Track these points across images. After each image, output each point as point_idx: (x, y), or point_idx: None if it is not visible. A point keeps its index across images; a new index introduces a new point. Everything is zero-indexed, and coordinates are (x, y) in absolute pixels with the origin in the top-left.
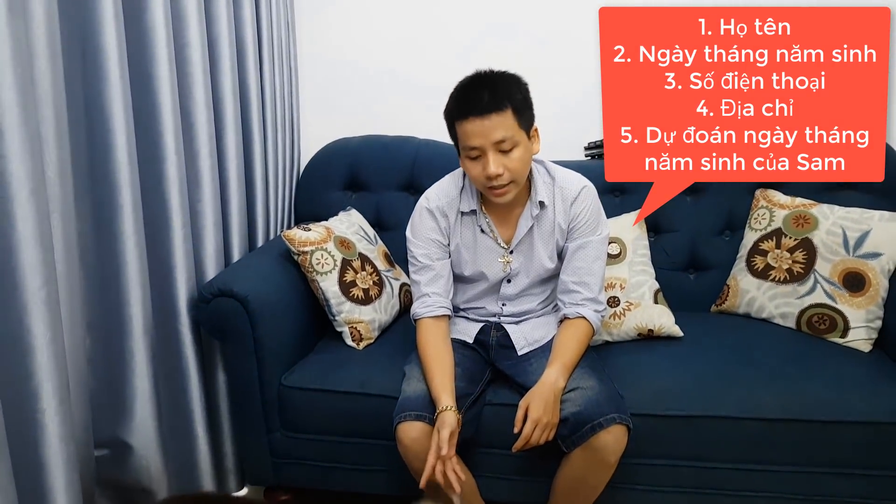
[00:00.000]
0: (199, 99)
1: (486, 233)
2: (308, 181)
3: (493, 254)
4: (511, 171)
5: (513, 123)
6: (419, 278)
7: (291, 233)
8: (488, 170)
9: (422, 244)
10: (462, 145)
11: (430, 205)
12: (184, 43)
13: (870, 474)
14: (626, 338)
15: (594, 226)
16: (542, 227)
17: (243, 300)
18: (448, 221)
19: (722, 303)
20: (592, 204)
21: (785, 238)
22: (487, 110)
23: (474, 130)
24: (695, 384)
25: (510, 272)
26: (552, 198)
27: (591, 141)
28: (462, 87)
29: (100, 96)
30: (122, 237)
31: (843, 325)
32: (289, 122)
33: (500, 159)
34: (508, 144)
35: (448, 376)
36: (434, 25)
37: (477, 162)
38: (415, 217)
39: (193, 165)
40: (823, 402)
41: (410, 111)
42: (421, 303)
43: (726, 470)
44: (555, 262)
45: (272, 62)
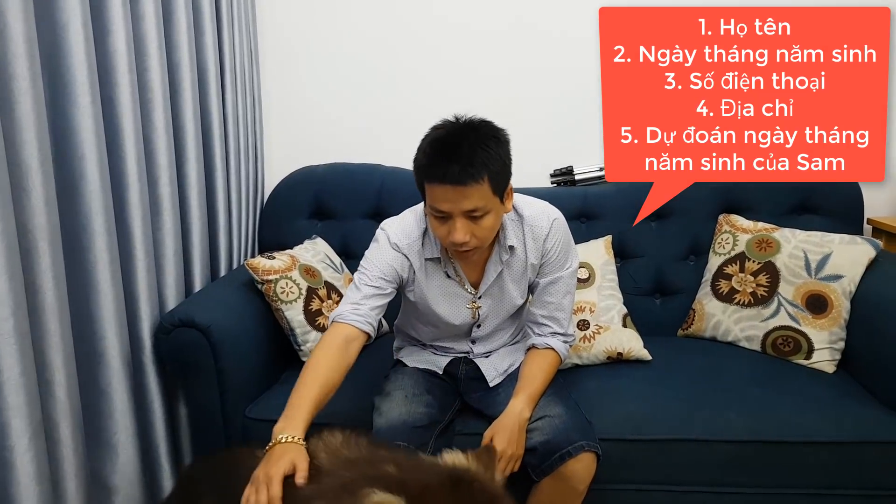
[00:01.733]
0: (159, 125)
1: (453, 278)
2: (272, 209)
3: (460, 300)
4: (479, 238)
5: (487, 193)
6: (363, 290)
7: (255, 261)
8: (454, 237)
9: (378, 267)
10: (429, 203)
11: (391, 242)
12: (144, 68)
13: (837, 494)
14: (596, 361)
15: (564, 259)
16: (513, 269)
17: (205, 330)
18: (412, 266)
19: (688, 327)
20: (563, 238)
21: (748, 262)
22: (462, 181)
23: (445, 196)
24: (664, 408)
25: (479, 318)
26: (522, 239)
27: (556, 168)
28: (437, 144)
29: (70, 121)
30: (97, 266)
31: (808, 347)
32: (252, 150)
33: (468, 226)
34: (479, 213)
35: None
36: (400, 52)
37: (443, 223)
38: (376, 247)
39: (154, 192)
40: (791, 424)
41: (377, 139)
42: (354, 309)
43: (697, 493)
44: (525, 297)
45: (235, 90)
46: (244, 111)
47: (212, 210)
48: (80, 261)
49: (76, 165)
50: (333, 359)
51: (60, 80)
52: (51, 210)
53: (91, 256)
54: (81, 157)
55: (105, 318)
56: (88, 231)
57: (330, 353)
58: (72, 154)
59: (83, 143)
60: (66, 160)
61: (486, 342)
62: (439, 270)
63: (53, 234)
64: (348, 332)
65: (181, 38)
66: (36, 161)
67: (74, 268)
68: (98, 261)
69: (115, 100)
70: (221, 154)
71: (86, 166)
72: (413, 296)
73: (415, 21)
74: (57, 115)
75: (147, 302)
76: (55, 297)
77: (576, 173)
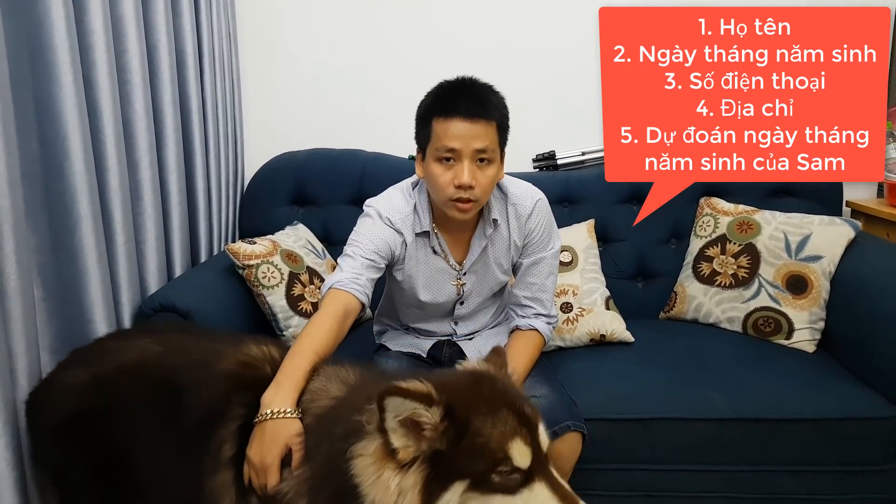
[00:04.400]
0: (139, 107)
1: (438, 254)
2: (253, 196)
3: (445, 276)
4: (481, 186)
5: (495, 137)
6: (360, 260)
7: (235, 246)
8: (461, 178)
9: (372, 241)
10: (435, 146)
11: (384, 218)
12: (122, 49)
13: (818, 471)
14: (580, 343)
15: (547, 240)
16: (496, 246)
17: (186, 315)
18: (404, 240)
19: (670, 309)
20: (545, 218)
21: (729, 244)
22: (476, 115)
23: (457, 132)
24: (646, 388)
25: (463, 294)
26: (506, 216)
27: (538, 153)
28: (448, 87)
29: (52, 100)
30: (83, 249)
31: (788, 328)
32: (231, 135)
33: (474, 170)
34: (487, 156)
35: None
36: (382, 34)
37: (448, 168)
38: (366, 223)
39: (134, 177)
40: (772, 402)
41: (358, 124)
42: (355, 278)
43: (679, 472)
44: (508, 276)
45: (213, 74)
46: (223, 96)
47: (191, 195)
48: (66, 244)
49: (59, 146)
50: (332, 330)
51: (42, 59)
52: (15, 193)
53: (76, 240)
54: (65, 138)
55: (94, 303)
56: (73, 213)
57: (329, 324)
58: (55, 134)
59: (66, 123)
60: (48, 140)
61: (469, 322)
62: (426, 246)
63: (17, 218)
64: (348, 303)
65: (159, 20)
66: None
67: (61, 251)
68: (84, 244)
69: (94, 81)
70: (201, 139)
71: (69, 147)
72: (400, 274)
73: (398, 4)
74: (39, 95)
75: (128, 287)
76: (18, 282)
77: (558, 158)
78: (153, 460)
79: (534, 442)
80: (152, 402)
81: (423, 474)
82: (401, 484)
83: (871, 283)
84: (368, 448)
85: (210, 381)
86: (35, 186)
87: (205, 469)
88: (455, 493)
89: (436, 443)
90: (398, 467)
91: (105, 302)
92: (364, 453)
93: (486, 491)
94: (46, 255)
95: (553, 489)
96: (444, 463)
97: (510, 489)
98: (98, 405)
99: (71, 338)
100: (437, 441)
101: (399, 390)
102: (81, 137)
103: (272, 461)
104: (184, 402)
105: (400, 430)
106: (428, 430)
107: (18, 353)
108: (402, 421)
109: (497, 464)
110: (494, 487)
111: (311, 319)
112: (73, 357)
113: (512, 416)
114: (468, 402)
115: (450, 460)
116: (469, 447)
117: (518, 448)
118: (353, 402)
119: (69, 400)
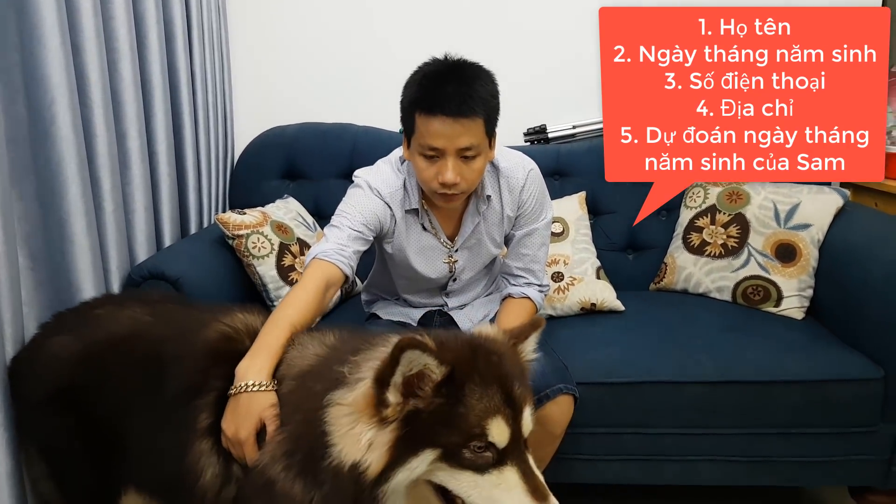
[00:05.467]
0: (127, 76)
1: (429, 230)
2: (243, 169)
3: (436, 253)
4: (467, 181)
5: (481, 131)
6: (347, 231)
7: (225, 216)
8: (445, 176)
9: (360, 213)
10: (419, 142)
11: (374, 190)
12: (109, 16)
13: (805, 433)
14: (570, 312)
15: (539, 211)
16: (489, 221)
17: (175, 282)
18: (393, 215)
19: (660, 280)
20: (538, 189)
21: (719, 214)
22: (461, 113)
23: (441, 131)
24: (637, 352)
25: (455, 271)
26: (498, 190)
27: (530, 127)
28: (433, 76)
29: (38, 63)
30: (71, 215)
31: (777, 295)
32: (221, 108)
33: (459, 167)
34: (472, 153)
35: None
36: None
37: (432, 163)
38: (355, 194)
39: (122, 145)
40: (760, 365)
41: (349, 97)
42: (339, 249)
43: (669, 435)
44: (500, 249)
45: (202, 45)
46: (212, 68)
47: (181, 167)
48: (53, 212)
49: (46, 110)
50: (312, 302)
51: (28, 21)
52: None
53: (64, 207)
54: (52, 102)
55: (81, 270)
56: (61, 179)
57: (308, 296)
58: (41, 98)
59: (54, 87)
60: (35, 104)
61: (461, 295)
62: (416, 223)
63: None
64: (331, 274)
65: None
66: None
67: (49, 217)
68: (72, 210)
69: (81, 46)
70: (190, 111)
71: (57, 111)
72: (391, 248)
73: None
74: (26, 58)
75: (116, 256)
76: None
77: (549, 132)
78: (141, 433)
79: (515, 424)
80: (142, 374)
81: (396, 433)
82: (374, 439)
83: (859, 250)
84: (346, 398)
85: (190, 353)
86: (21, 152)
87: (185, 440)
88: (424, 460)
89: (424, 404)
90: (377, 422)
91: (94, 270)
92: (341, 402)
93: (455, 465)
94: (34, 223)
95: (524, 477)
96: (419, 426)
97: (480, 468)
98: (89, 378)
99: (59, 307)
100: (426, 402)
101: (419, 343)
102: (69, 102)
103: (246, 436)
104: (166, 373)
105: (401, 385)
106: (427, 389)
107: (5, 319)
108: (410, 377)
109: (472, 438)
110: (464, 463)
111: (292, 289)
112: (59, 322)
113: (499, 393)
114: (464, 369)
115: (426, 425)
116: (449, 415)
117: (497, 426)
118: (334, 358)
119: (59, 372)
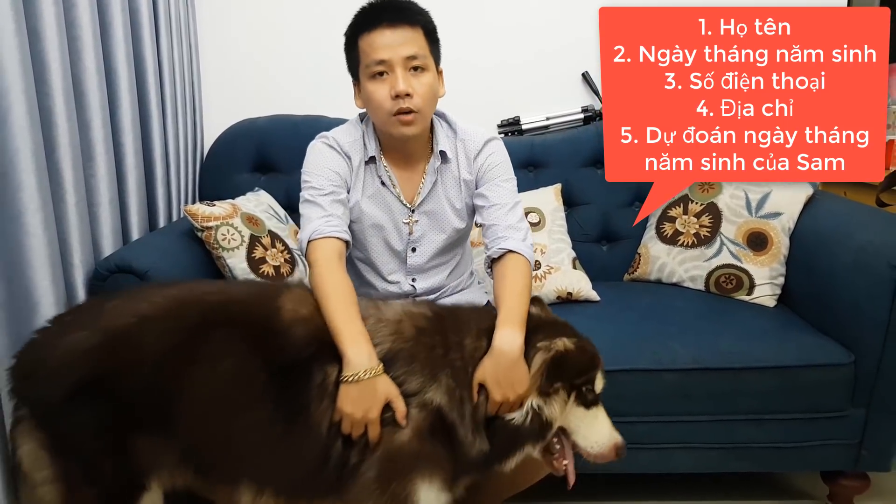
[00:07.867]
0: (90, 65)
1: (388, 187)
2: (213, 162)
3: (395, 213)
4: (419, 95)
5: (424, 44)
6: (321, 201)
7: (194, 207)
8: (397, 87)
9: (323, 175)
10: (366, 62)
11: (330, 142)
12: (71, 3)
13: (777, 418)
14: (547, 301)
15: (502, 173)
16: (446, 182)
17: (143, 276)
18: (351, 165)
19: (634, 271)
20: (499, 154)
21: (692, 204)
22: (399, 21)
23: (383, 42)
24: (612, 341)
25: (415, 234)
26: (454, 150)
27: (503, 118)
28: (368, 6)
29: None
30: (28, 208)
31: (749, 283)
32: (190, 99)
33: (408, 79)
34: (419, 63)
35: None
36: None
37: (383, 82)
38: (312, 153)
39: (85, 136)
40: (734, 352)
41: (320, 89)
42: (327, 221)
43: (644, 424)
44: (465, 221)
45: (170, 36)
46: (180, 59)
47: (148, 159)
48: (9, 201)
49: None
50: (347, 278)
51: None
52: None
53: (22, 195)
54: (7, 90)
55: (37, 265)
56: (18, 170)
57: (340, 274)
58: None
59: (6, 73)
60: None
61: (426, 276)
62: (374, 175)
63: None
64: (338, 247)
65: None
66: None
67: (2, 210)
68: (29, 202)
69: (40, 32)
70: (157, 102)
71: (11, 100)
72: (350, 201)
73: None
74: None
75: (80, 250)
76: None
77: (522, 123)
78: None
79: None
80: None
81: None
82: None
83: (828, 237)
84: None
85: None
86: None
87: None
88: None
89: None
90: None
91: (52, 265)
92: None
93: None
94: None
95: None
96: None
97: (588, 404)
98: (120, 363)
99: (11, 301)
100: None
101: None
102: (24, 90)
103: (376, 416)
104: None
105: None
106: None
107: None
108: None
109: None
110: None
111: (322, 276)
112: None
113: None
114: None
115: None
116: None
117: (599, 376)
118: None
119: (81, 365)
